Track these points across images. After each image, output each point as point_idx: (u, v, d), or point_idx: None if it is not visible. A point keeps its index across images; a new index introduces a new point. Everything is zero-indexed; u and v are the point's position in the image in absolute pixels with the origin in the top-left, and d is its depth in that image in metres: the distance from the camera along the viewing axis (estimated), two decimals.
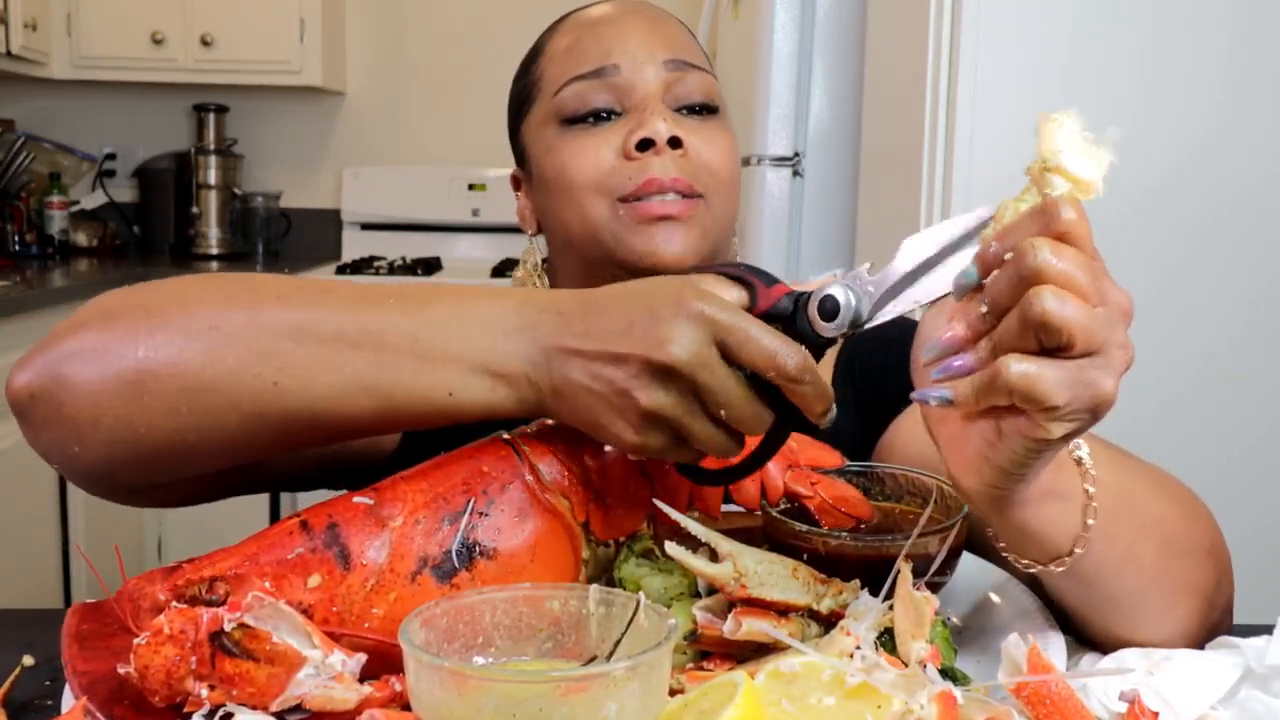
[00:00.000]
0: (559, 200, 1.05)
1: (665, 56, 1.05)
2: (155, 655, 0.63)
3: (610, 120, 1.04)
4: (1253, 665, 0.74)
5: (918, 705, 0.61)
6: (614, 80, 1.04)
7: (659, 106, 1.03)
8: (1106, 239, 2.09)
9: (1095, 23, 1.88)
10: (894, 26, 2.20)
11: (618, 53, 1.05)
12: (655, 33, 1.07)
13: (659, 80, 1.04)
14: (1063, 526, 0.73)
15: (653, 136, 1.01)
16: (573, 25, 1.10)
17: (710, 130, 1.05)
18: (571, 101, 1.04)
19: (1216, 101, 1.89)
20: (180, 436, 0.76)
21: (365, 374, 0.75)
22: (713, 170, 1.04)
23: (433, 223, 4.30)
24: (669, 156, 1.01)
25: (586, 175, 1.03)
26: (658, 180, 1.00)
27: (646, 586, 0.78)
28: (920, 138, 1.97)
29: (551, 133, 1.06)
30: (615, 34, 1.06)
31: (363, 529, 0.72)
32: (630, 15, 1.08)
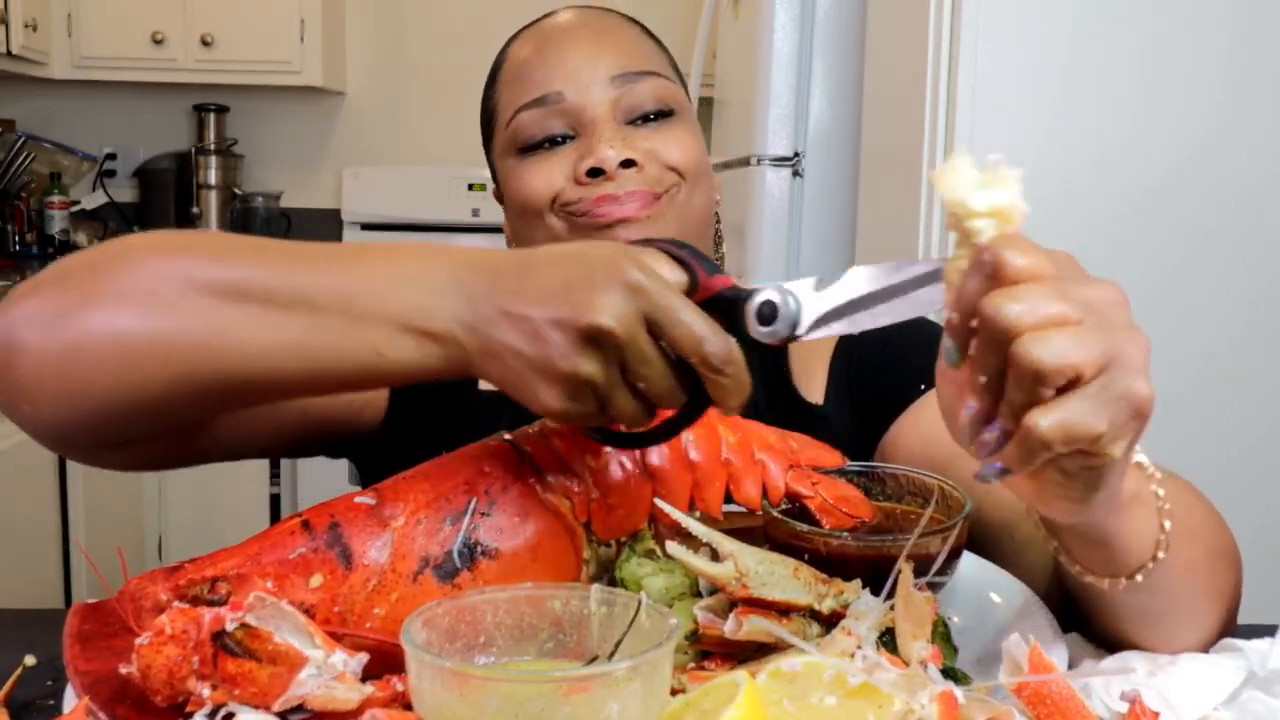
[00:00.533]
0: (524, 224, 1.07)
1: (611, 72, 1.04)
2: (157, 655, 0.63)
3: (564, 143, 1.04)
4: (1255, 668, 0.74)
5: (919, 705, 0.61)
6: (561, 106, 1.04)
7: (608, 129, 1.02)
8: (1107, 239, 2.11)
9: (1095, 23, 1.88)
10: (894, 26, 2.20)
11: (560, 77, 1.04)
12: (600, 48, 1.05)
13: (606, 99, 1.03)
14: (1146, 532, 0.72)
15: (601, 165, 1.00)
16: (519, 47, 1.10)
17: (666, 133, 1.04)
18: (523, 131, 1.05)
19: (1216, 101, 1.89)
20: (115, 396, 0.77)
21: (294, 334, 0.75)
22: (676, 166, 1.03)
23: (433, 223, 4.29)
24: (624, 176, 1.01)
25: (540, 197, 1.03)
26: (612, 194, 1.00)
27: (648, 586, 0.79)
28: (920, 138, 1.97)
29: (510, 161, 1.07)
30: (559, 56, 1.05)
31: (364, 529, 0.72)
32: (573, 33, 1.07)
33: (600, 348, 0.68)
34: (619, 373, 0.69)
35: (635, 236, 0.99)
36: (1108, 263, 2.07)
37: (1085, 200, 1.92)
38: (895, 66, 2.16)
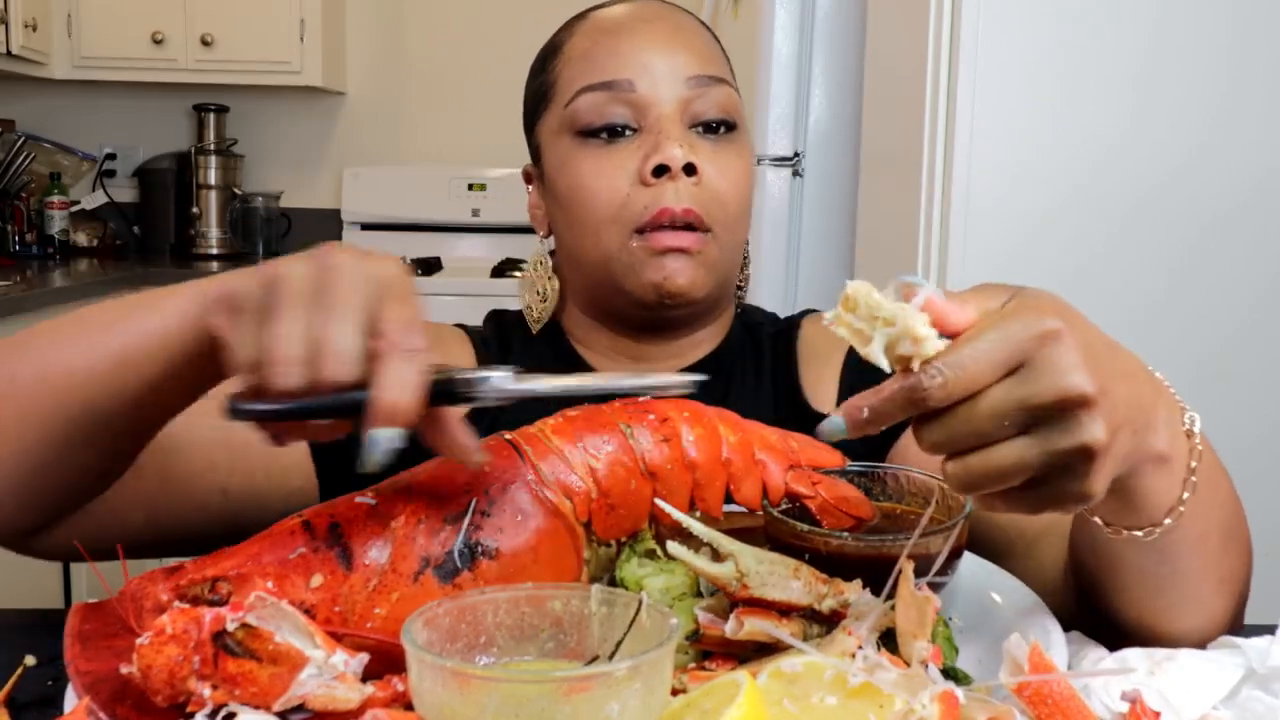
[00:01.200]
0: (573, 220, 1.05)
1: (686, 73, 1.03)
2: (158, 655, 0.63)
3: (626, 136, 1.02)
4: (1255, 666, 0.74)
5: (919, 705, 0.61)
6: (629, 95, 1.02)
7: (675, 128, 1.01)
8: (1107, 239, 2.10)
9: (1095, 23, 1.88)
10: (894, 26, 2.20)
11: (634, 66, 1.02)
12: (676, 45, 1.04)
13: (676, 98, 1.02)
14: (1165, 494, 0.72)
15: (668, 163, 0.99)
16: (591, 28, 1.07)
17: (727, 154, 1.03)
18: (585, 113, 1.03)
19: (1217, 101, 1.89)
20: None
21: (100, 335, 0.80)
22: (723, 201, 1.02)
23: (433, 223, 4.30)
24: (683, 183, 1.00)
25: (602, 203, 1.02)
26: (670, 211, 1.00)
27: (648, 586, 0.79)
28: (920, 138, 1.97)
29: (566, 144, 1.05)
30: (633, 45, 1.03)
31: (365, 529, 0.72)
32: (651, 24, 1.05)
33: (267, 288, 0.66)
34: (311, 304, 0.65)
35: (684, 275, 1.00)
36: (1108, 263, 2.07)
37: (1085, 200, 1.92)
38: (895, 66, 2.16)
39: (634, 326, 1.08)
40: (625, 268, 1.02)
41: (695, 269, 1.01)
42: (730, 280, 1.09)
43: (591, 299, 1.09)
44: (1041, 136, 1.90)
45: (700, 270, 1.02)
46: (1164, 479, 0.72)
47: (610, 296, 1.06)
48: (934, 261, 1.96)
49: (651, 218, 1.00)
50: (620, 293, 1.04)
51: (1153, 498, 0.72)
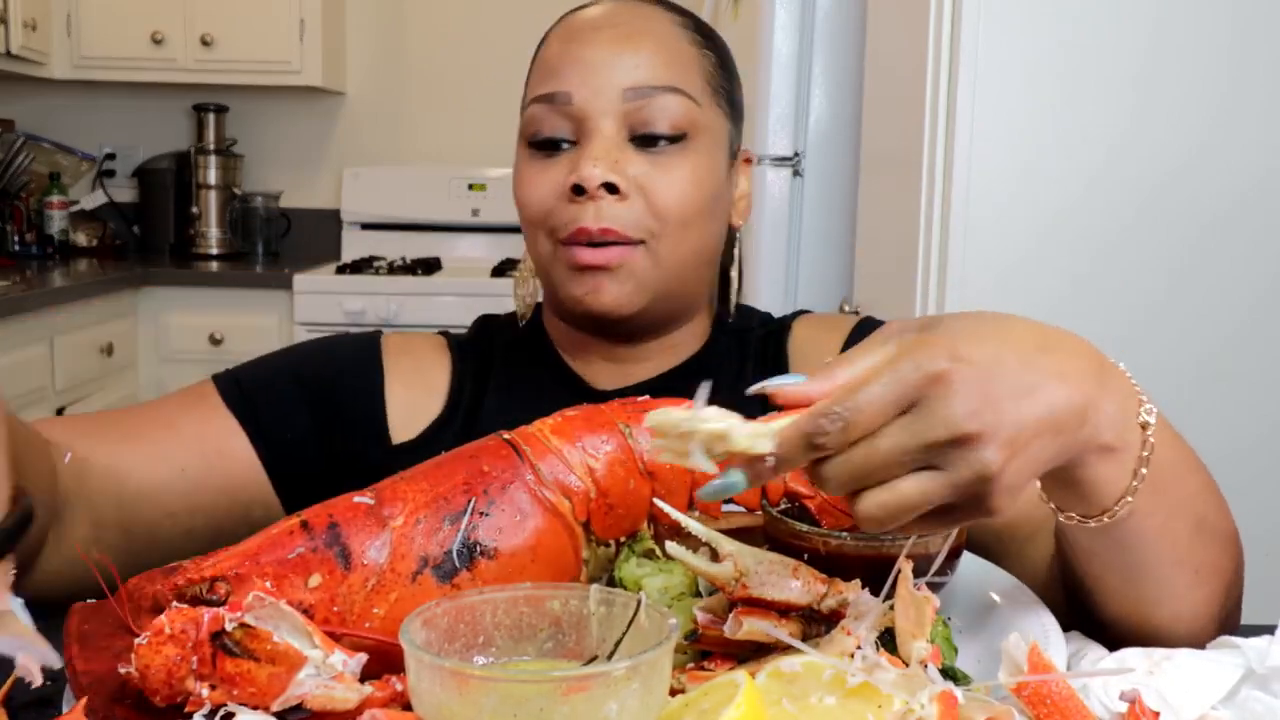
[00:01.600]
0: (522, 224, 1.07)
1: (626, 83, 1.00)
2: (156, 655, 0.63)
3: (564, 150, 1.02)
4: (1254, 666, 0.74)
5: (918, 705, 0.61)
6: (566, 108, 1.01)
7: (602, 144, 1.00)
8: (1107, 239, 2.10)
9: (1095, 23, 1.88)
10: (894, 26, 2.20)
11: (575, 78, 1.01)
12: (621, 52, 1.01)
13: (613, 112, 1.00)
14: (1113, 483, 0.73)
15: (582, 183, 0.98)
16: (557, 34, 1.07)
17: (667, 165, 1.01)
18: (531, 123, 1.04)
19: (1217, 101, 1.89)
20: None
21: None
22: (659, 212, 1.00)
23: (433, 223, 4.30)
24: (605, 202, 0.99)
25: (533, 213, 1.04)
26: (586, 230, 0.99)
27: (647, 586, 0.78)
28: (920, 138, 1.97)
29: (520, 151, 1.06)
30: (577, 54, 1.02)
31: (363, 529, 0.72)
32: (600, 32, 1.03)
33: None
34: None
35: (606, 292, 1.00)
36: (1108, 262, 2.07)
37: (1085, 200, 1.92)
38: (895, 66, 2.16)
39: (583, 327, 1.09)
40: (557, 276, 1.04)
41: (620, 284, 1.01)
42: (685, 287, 1.06)
43: (549, 298, 1.12)
44: (1041, 137, 1.90)
45: (627, 285, 1.01)
46: (1112, 468, 0.72)
47: (556, 298, 1.08)
48: (934, 261, 1.95)
49: (570, 235, 1.00)
50: (559, 297, 1.05)
51: (1101, 486, 0.72)
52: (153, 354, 3.83)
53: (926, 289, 1.97)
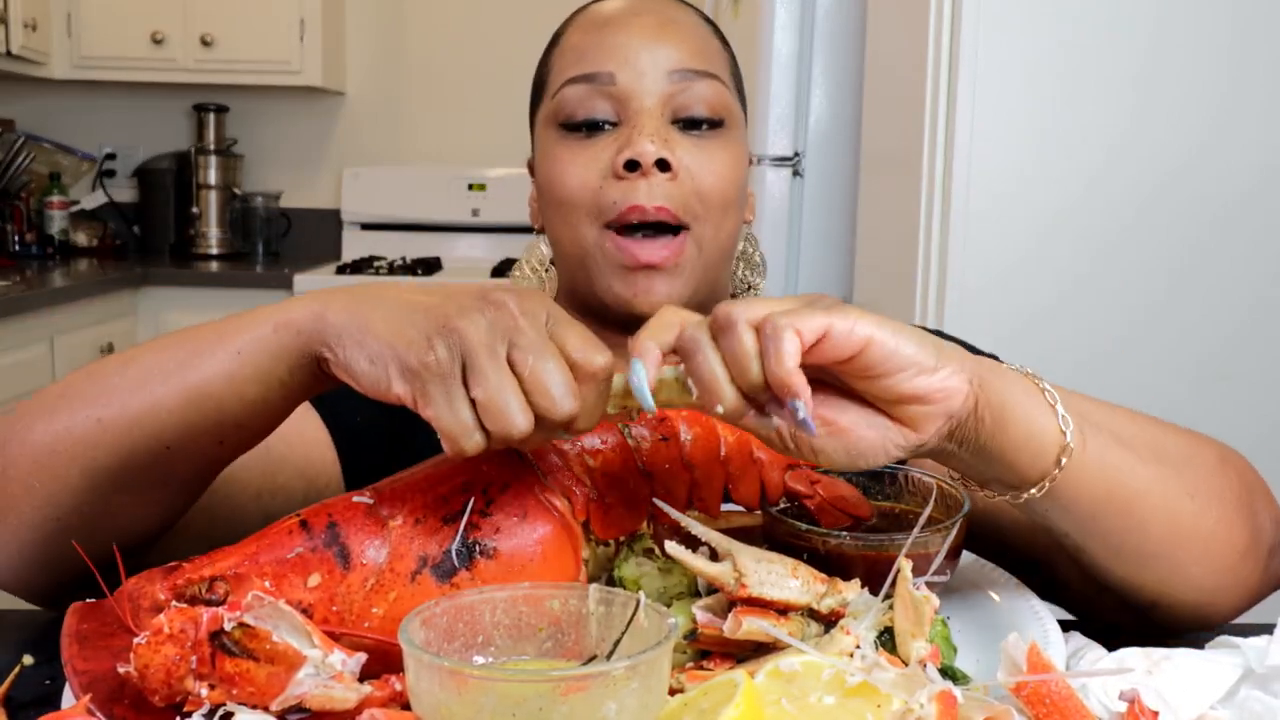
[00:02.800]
0: (551, 211, 1.05)
1: (669, 66, 1.01)
2: (155, 655, 0.63)
3: (605, 131, 1.01)
4: (1253, 665, 0.74)
5: (917, 704, 0.61)
6: (610, 89, 1.01)
7: (652, 123, 1.00)
8: (1107, 239, 2.10)
9: (1095, 23, 1.88)
10: (894, 26, 2.20)
11: (617, 59, 1.01)
12: (663, 37, 1.02)
13: (658, 93, 1.01)
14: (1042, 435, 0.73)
15: (639, 158, 0.98)
16: (584, 21, 1.07)
17: (709, 148, 1.02)
18: (567, 105, 1.02)
19: (1217, 101, 1.89)
20: (44, 511, 0.80)
21: (172, 373, 0.77)
22: (704, 195, 1.01)
23: (433, 223, 4.30)
24: (657, 180, 0.99)
25: (574, 194, 1.01)
26: (641, 207, 0.98)
27: (646, 586, 0.78)
28: (920, 138, 1.97)
29: (550, 135, 1.04)
30: (618, 38, 1.02)
31: (363, 528, 0.72)
32: (639, 17, 1.04)
33: (495, 313, 0.68)
34: (458, 375, 0.68)
35: (656, 293, 1.00)
36: (1108, 262, 2.07)
37: (1085, 200, 1.92)
38: (895, 66, 2.16)
39: (617, 323, 1.07)
40: (597, 269, 1.01)
41: (669, 284, 1.00)
42: (717, 278, 1.07)
43: (575, 292, 1.09)
44: (1041, 136, 1.90)
45: (676, 283, 1.01)
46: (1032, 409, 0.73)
47: (588, 293, 1.05)
48: (934, 261, 1.96)
49: (621, 213, 0.99)
50: (595, 292, 1.03)
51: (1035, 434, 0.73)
52: None
53: (926, 289, 1.97)
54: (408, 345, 0.69)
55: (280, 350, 0.74)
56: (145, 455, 0.78)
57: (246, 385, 0.75)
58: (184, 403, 0.76)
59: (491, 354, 0.67)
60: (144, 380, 0.77)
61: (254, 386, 0.75)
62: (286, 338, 0.74)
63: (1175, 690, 0.72)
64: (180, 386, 0.76)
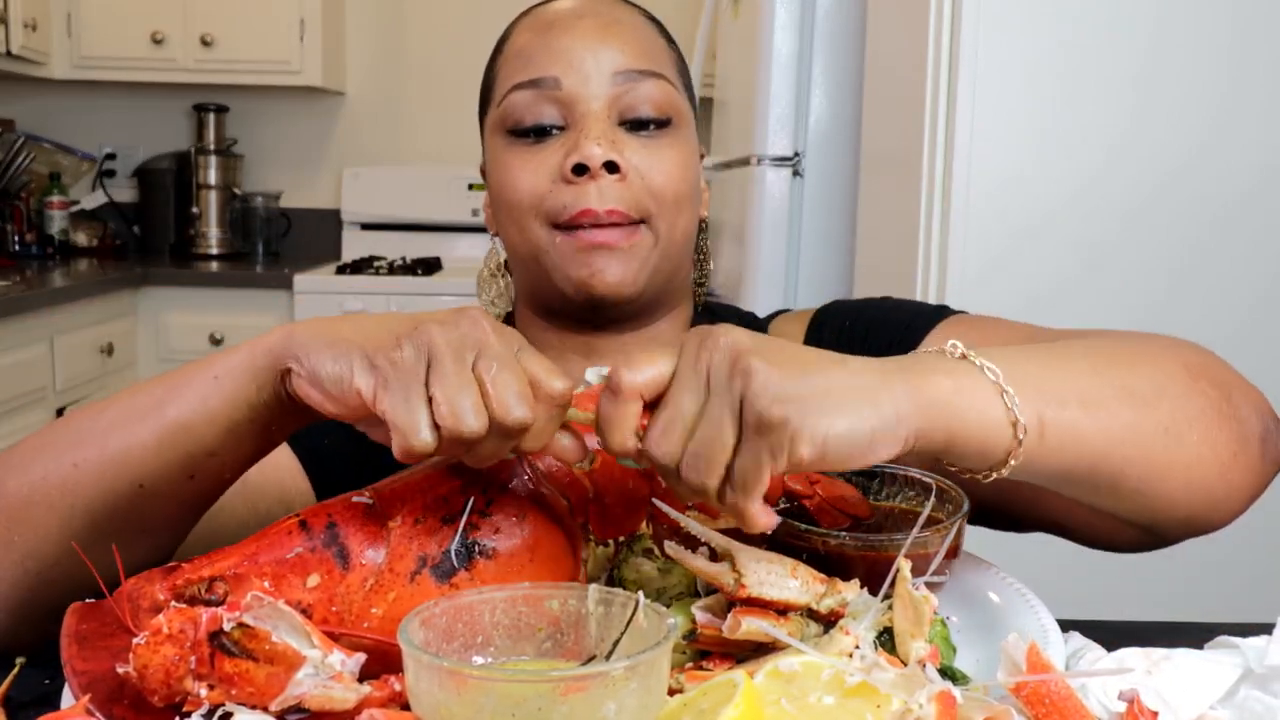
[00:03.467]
0: (503, 215, 1.05)
1: (613, 68, 1.01)
2: (154, 655, 0.63)
3: (553, 135, 1.02)
4: (1253, 665, 0.74)
5: (917, 704, 0.61)
6: (555, 93, 1.01)
7: (599, 126, 1.00)
8: (1107, 239, 2.10)
9: (1095, 23, 1.88)
10: (894, 26, 2.20)
11: (561, 63, 1.01)
12: (606, 40, 1.02)
13: (603, 95, 1.01)
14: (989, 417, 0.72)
15: (586, 162, 0.98)
16: (527, 24, 1.07)
17: (657, 148, 1.02)
18: (514, 112, 1.02)
19: (1217, 101, 1.89)
20: (22, 569, 0.81)
21: (150, 410, 0.79)
22: (656, 193, 1.01)
23: (433, 223, 4.30)
24: (606, 182, 0.99)
25: (524, 199, 1.01)
26: (592, 211, 0.98)
27: (646, 586, 0.79)
28: (920, 138, 1.97)
29: (499, 141, 1.05)
30: (562, 41, 1.02)
31: (362, 529, 0.72)
32: (582, 20, 1.04)
33: (462, 325, 0.71)
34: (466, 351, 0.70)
35: (612, 272, 0.99)
36: (1108, 263, 2.07)
37: (1085, 200, 1.92)
38: (895, 66, 2.16)
39: (578, 322, 1.07)
40: (553, 263, 1.01)
41: (625, 263, 1.00)
42: (676, 271, 1.07)
43: (533, 296, 1.09)
44: (1041, 136, 1.90)
45: (632, 264, 1.00)
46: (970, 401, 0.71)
47: (547, 292, 1.05)
48: (934, 261, 1.95)
49: (573, 217, 0.99)
50: (553, 288, 1.03)
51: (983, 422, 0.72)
52: (153, 354, 3.83)
53: (926, 289, 1.97)
54: (375, 344, 0.71)
55: (252, 370, 0.76)
56: (121, 498, 0.79)
57: (219, 409, 0.77)
58: (159, 438, 0.78)
59: (457, 357, 0.69)
60: (122, 420, 0.80)
61: (225, 409, 0.77)
62: (259, 357, 0.76)
63: (1175, 690, 0.72)
64: (158, 423, 0.78)
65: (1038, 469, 0.75)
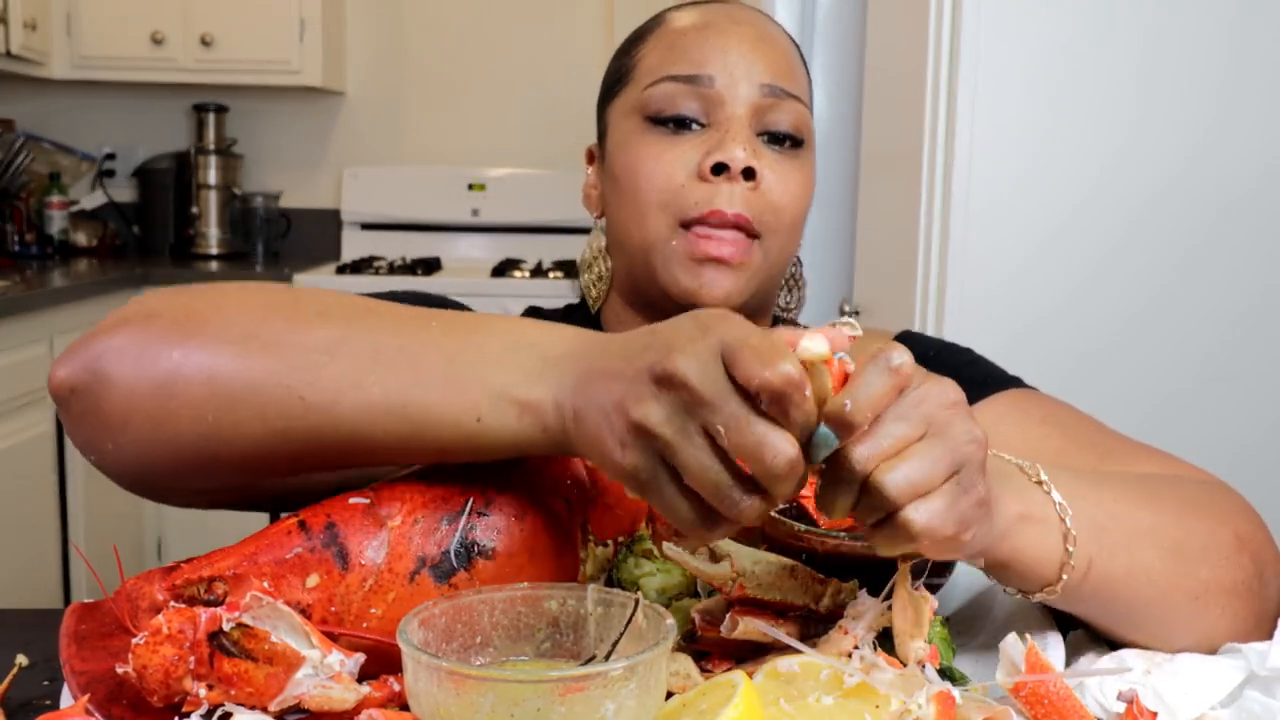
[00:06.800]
0: (624, 200, 1.04)
1: (763, 79, 1.02)
2: (153, 655, 0.63)
3: (693, 130, 1.02)
4: (1255, 669, 0.74)
5: (916, 705, 0.61)
6: (706, 91, 1.02)
7: (743, 130, 1.01)
8: (1107, 239, 2.10)
9: (1095, 23, 1.89)
10: (894, 26, 2.20)
11: (716, 63, 1.02)
12: (760, 51, 1.04)
13: (750, 102, 1.02)
14: (1046, 547, 0.74)
15: (729, 162, 0.99)
16: (684, 17, 1.08)
17: (788, 166, 1.03)
18: (659, 100, 1.02)
19: (1217, 103, 1.89)
20: (206, 444, 0.75)
21: (392, 394, 0.72)
22: (778, 210, 1.01)
23: (433, 223, 4.29)
24: (740, 187, 0.99)
25: (656, 188, 1.01)
26: (720, 213, 0.99)
27: (645, 586, 0.79)
28: (920, 138, 1.97)
29: (633, 125, 1.04)
30: (719, 43, 1.03)
31: (361, 529, 0.72)
32: (740, 26, 1.05)
33: (670, 389, 0.62)
34: (692, 426, 0.62)
35: (720, 287, 0.99)
36: (1108, 263, 2.07)
37: (1085, 200, 1.92)
38: (895, 66, 2.16)
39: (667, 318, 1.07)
40: (664, 261, 1.01)
41: (734, 280, 1.00)
42: (771, 290, 1.08)
43: (632, 285, 1.08)
44: (1042, 137, 1.91)
45: (740, 280, 1.01)
46: (1036, 535, 0.73)
47: (648, 285, 1.05)
48: (934, 261, 1.95)
49: (701, 215, 0.99)
50: (657, 285, 1.03)
51: (1036, 555, 0.74)
52: None
53: (926, 289, 1.97)
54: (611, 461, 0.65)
55: (521, 435, 0.70)
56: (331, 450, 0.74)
57: (471, 449, 0.72)
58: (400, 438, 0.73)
59: (682, 437, 0.62)
60: (362, 385, 0.72)
61: (488, 453, 0.72)
62: (528, 424, 0.70)
63: (1174, 691, 0.72)
64: (402, 423, 0.72)
65: (1066, 601, 0.77)
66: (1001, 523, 0.71)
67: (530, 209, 4.13)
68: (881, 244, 2.25)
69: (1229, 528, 0.84)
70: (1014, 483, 0.74)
